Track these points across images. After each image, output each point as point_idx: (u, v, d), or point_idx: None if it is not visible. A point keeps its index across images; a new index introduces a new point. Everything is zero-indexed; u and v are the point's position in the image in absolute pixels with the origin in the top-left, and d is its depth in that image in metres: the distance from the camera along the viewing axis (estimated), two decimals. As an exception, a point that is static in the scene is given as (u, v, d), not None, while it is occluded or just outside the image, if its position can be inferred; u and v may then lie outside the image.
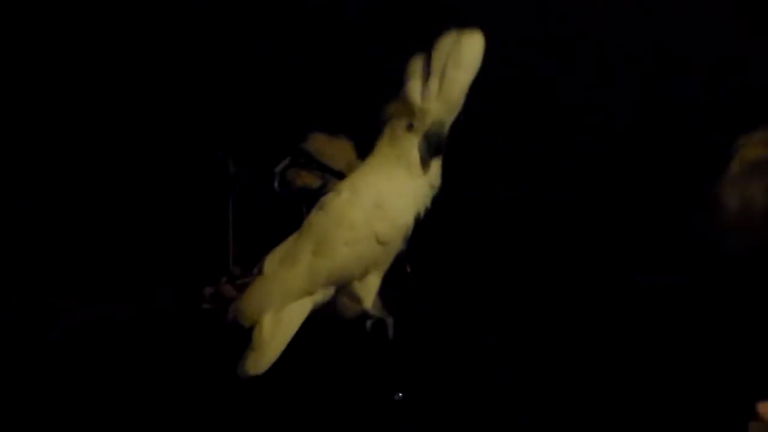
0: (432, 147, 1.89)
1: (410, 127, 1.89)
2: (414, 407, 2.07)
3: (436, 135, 1.89)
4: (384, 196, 1.89)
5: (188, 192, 2.71)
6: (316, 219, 1.92)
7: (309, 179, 2.40)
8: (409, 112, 1.88)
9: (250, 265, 2.20)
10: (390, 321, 1.96)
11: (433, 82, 1.86)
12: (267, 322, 1.84)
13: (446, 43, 1.87)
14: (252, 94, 2.79)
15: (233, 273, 2.28)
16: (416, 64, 1.88)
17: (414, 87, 1.87)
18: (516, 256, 2.76)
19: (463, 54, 1.85)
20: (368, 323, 1.95)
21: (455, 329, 2.47)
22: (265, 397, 2.11)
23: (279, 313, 1.85)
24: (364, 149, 2.14)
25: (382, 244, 1.89)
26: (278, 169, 2.36)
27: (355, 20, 2.83)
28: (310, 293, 1.87)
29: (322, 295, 1.89)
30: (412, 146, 1.89)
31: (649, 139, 2.84)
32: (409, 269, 2.13)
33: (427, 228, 1.97)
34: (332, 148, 2.43)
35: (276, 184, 2.35)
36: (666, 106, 2.85)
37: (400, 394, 2.04)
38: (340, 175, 2.34)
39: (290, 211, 2.28)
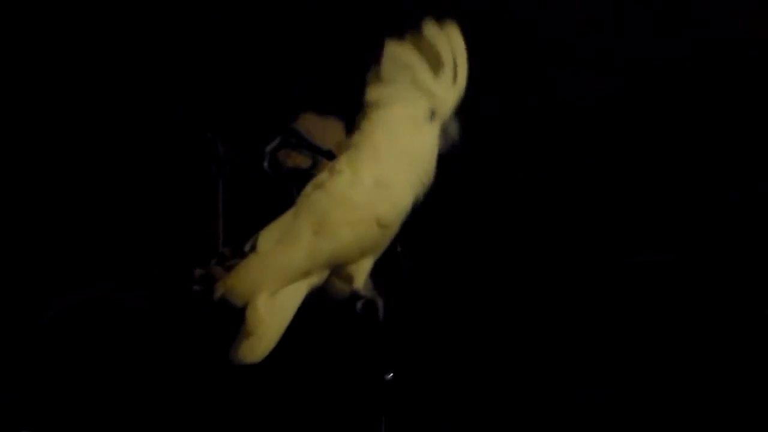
0: (450, 138, 1.90)
1: (432, 116, 1.88)
2: (405, 388, 2.07)
3: (455, 126, 1.89)
4: (386, 179, 1.86)
5: (178, 173, 2.70)
6: (316, 198, 1.87)
7: (299, 159, 2.39)
8: (429, 100, 1.86)
9: (240, 246, 2.19)
10: (380, 302, 1.95)
11: (448, 73, 1.85)
12: (262, 305, 1.78)
13: (443, 34, 1.86)
14: (242, 74, 2.78)
15: (223, 254, 2.27)
16: (411, 52, 1.85)
17: (427, 75, 1.85)
18: (508, 239, 2.77)
19: (462, 46, 1.86)
20: (359, 304, 1.94)
21: (446, 310, 2.47)
22: (254, 379, 2.11)
23: (274, 297, 1.79)
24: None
25: (382, 226, 1.86)
26: (268, 149, 2.34)
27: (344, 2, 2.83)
28: (308, 274, 1.83)
29: (318, 278, 1.85)
30: (433, 135, 1.88)
31: (637, 125, 2.85)
32: (399, 249, 2.12)
33: (418, 209, 1.96)
34: (323, 128, 2.42)
35: (266, 165, 2.34)
36: (652, 90, 2.85)
37: (391, 375, 2.03)
38: (331, 155, 2.33)
39: (280, 192, 2.27)
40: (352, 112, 2.00)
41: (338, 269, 1.89)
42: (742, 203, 2.72)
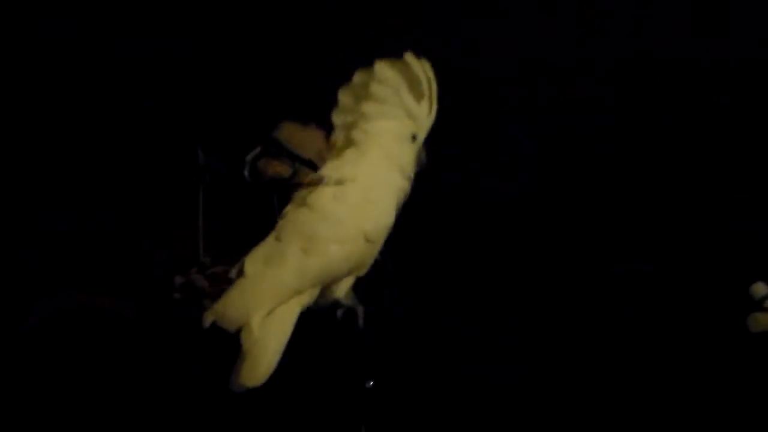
0: (420, 164, 1.97)
1: (414, 139, 1.93)
2: (385, 396, 2.07)
3: (424, 154, 1.97)
4: (371, 193, 1.88)
5: (157, 181, 2.69)
6: (301, 216, 1.87)
7: (280, 168, 2.38)
8: (412, 123, 1.92)
9: (221, 254, 2.19)
10: (361, 310, 1.95)
11: (426, 102, 1.91)
12: (256, 327, 1.76)
13: (421, 65, 1.91)
14: (221, 82, 2.78)
15: (203, 263, 2.27)
16: (399, 76, 1.90)
17: (411, 100, 1.90)
18: (493, 248, 2.77)
19: (434, 79, 1.92)
20: (339, 312, 1.94)
21: (428, 318, 2.47)
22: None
23: (268, 319, 1.77)
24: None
25: (369, 242, 1.87)
26: (249, 158, 2.34)
27: (325, 10, 2.83)
28: (299, 293, 1.81)
29: (309, 297, 1.84)
30: (412, 155, 1.93)
31: (621, 130, 2.86)
32: (381, 258, 2.12)
33: (400, 217, 1.97)
34: (303, 137, 2.41)
35: (246, 173, 2.33)
36: (636, 97, 2.87)
37: (371, 383, 2.03)
38: (312, 164, 2.33)
39: (261, 201, 2.27)
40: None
41: (325, 286, 1.88)
42: (728, 214, 2.73)
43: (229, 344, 1.79)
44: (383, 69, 1.90)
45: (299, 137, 2.41)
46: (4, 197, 2.75)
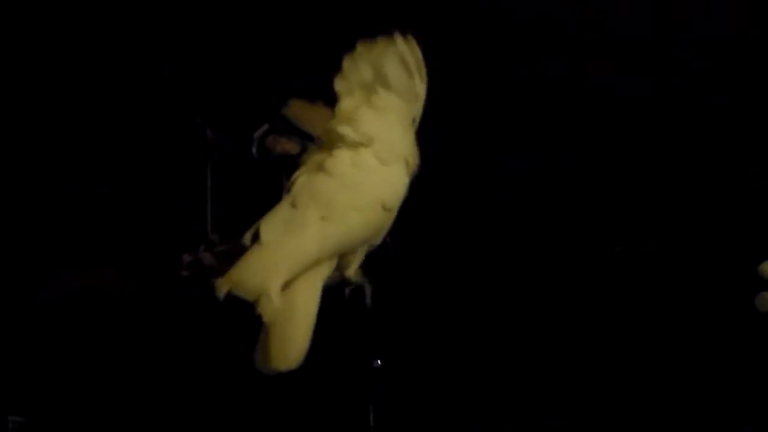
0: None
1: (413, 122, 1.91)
2: (392, 373, 2.08)
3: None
4: (386, 154, 1.85)
5: (166, 159, 2.69)
6: (318, 182, 1.82)
7: (288, 146, 2.38)
8: (417, 104, 1.91)
9: (229, 232, 2.19)
10: (369, 288, 1.95)
11: (425, 85, 1.89)
12: (276, 297, 1.68)
13: (414, 46, 1.89)
14: (230, 60, 2.78)
15: (212, 240, 2.26)
16: (410, 55, 1.88)
17: (418, 81, 1.89)
18: (498, 228, 2.77)
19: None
20: (347, 290, 1.93)
21: (434, 297, 2.48)
22: (244, 363, 2.11)
23: (291, 293, 1.71)
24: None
25: (386, 210, 1.84)
26: (257, 135, 2.34)
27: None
28: (317, 262, 1.76)
29: (328, 269, 1.79)
30: (413, 139, 1.91)
31: (626, 116, 2.86)
32: (388, 239, 2.12)
33: (407, 197, 1.96)
34: (311, 115, 2.41)
35: (254, 151, 2.33)
36: (641, 81, 2.86)
37: (379, 361, 2.03)
38: (319, 142, 2.33)
39: (269, 178, 2.26)
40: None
41: (340, 257, 1.84)
42: (730, 197, 2.73)
43: (235, 324, 1.77)
44: (399, 42, 1.87)
45: (307, 115, 2.40)
46: (8, 180, 2.76)
